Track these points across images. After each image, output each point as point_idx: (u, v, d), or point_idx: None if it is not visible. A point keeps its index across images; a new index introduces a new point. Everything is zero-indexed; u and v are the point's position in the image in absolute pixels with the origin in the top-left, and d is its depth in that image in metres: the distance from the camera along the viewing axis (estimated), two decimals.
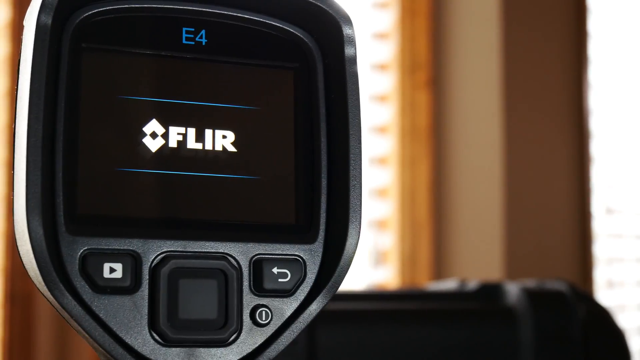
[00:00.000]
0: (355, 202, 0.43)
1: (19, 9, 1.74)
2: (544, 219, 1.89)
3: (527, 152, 1.89)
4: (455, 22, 2.00)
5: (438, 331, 0.87)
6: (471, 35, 1.96)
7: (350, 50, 0.45)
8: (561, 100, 1.95)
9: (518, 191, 1.87)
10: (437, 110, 2.01)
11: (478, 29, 1.94)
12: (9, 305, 1.72)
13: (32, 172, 0.39)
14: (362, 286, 1.97)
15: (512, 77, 1.88)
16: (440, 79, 2.01)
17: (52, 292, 0.39)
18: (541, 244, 1.88)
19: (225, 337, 0.41)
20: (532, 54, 1.92)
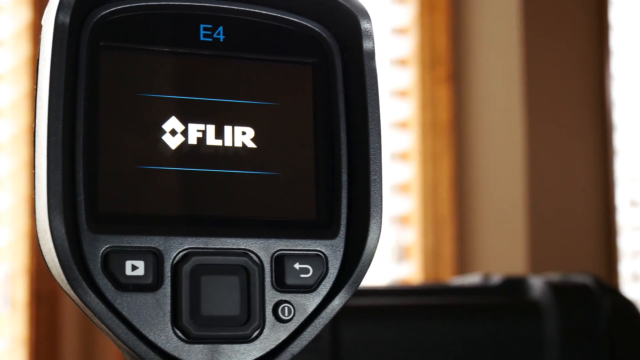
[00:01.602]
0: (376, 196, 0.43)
1: (40, 11, 1.75)
2: (568, 212, 1.89)
3: (550, 146, 1.88)
4: (475, 16, 1.99)
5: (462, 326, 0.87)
6: (491, 29, 1.95)
7: (368, 44, 0.44)
8: (583, 93, 1.94)
9: (541, 185, 1.86)
10: (458, 105, 2.01)
11: (498, 22, 1.93)
12: (35, 304, 1.73)
13: (52, 171, 0.39)
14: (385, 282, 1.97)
15: (533, 70, 1.87)
16: (460, 73, 2.01)
17: (75, 291, 0.39)
18: (565, 238, 1.87)
19: (248, 334, 0.41)
20: (553, 47, 1.91)
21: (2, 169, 1.74)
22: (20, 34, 1.75)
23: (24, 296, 1.73)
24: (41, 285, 1.74)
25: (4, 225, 1.73)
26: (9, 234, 1.73)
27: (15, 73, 1.74)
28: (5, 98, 1.74)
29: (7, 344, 1.73)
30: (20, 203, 1.73)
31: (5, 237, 1.73)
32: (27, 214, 1.73)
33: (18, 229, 1.73)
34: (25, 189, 1.73)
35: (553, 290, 0.89)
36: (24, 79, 1.73)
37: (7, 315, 1.73)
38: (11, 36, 1.75)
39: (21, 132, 1.74)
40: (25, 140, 1.74)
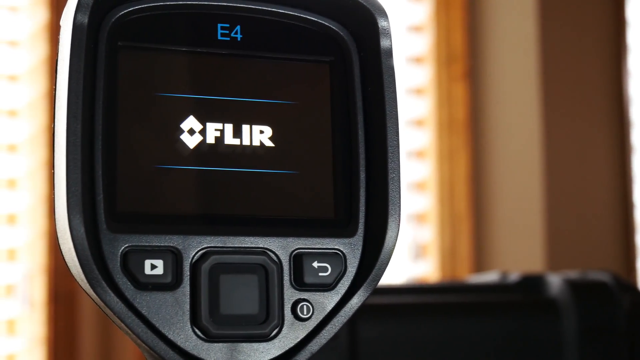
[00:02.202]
0: (394, 194, 0.43)
1: (56, 11, 1.75)
2: (585, 209, 1.88)
3: (567, 143, 1.88)
4: (490, 13, 1.98)
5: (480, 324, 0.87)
6: (507, 26, 1.95)
7: (385, 42, 0.44)
8: (600, 90, 1.93)
9: (558, 182, 1.85)
10: (474, 102, 2.00)
11: (514, 19, 1.92)
12: (53, 304, 1.74)
13: (72, 170, 0.39)
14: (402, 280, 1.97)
15: (550, 67, 1.87)
16: (477, 70, 2.00)
17: (94, 290, 0.39)
18: (583, 235, 1.86)
19: (267, 332, 0.41)
20: (569, 43, 1.90)
21: (20, 169, 1.74)
22: (37, 34, 1.76)
23: (42, 295, 1.74)
24: (59, 285, 1.74)
25: (22, 225, 1.74)
26: (27, 233, 1.74)
27: (32, 73, 1.75)
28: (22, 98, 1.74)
29: (26, 343, 1.73)
30: (38, 203, 1.74)
31: (24, 236, 1.74)
32: (45, 213, 1.74)
33: (36, 228, 1.74)
34: (43, 189, 1.74)
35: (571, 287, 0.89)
36: (41, 79, 1.74)
37: (26, 314, 1.74)
38: (28, 37, 1.76)
39: (39, 132, 1.75)
40: (43, 141, 1.75)
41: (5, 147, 1.76)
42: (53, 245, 1.74)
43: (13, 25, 1.76)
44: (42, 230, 1.74)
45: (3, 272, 1.73)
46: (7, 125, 1.75)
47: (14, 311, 1.74)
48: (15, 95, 1.75)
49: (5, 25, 1.75)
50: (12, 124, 1.75)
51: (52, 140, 0.41)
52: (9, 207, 1.74)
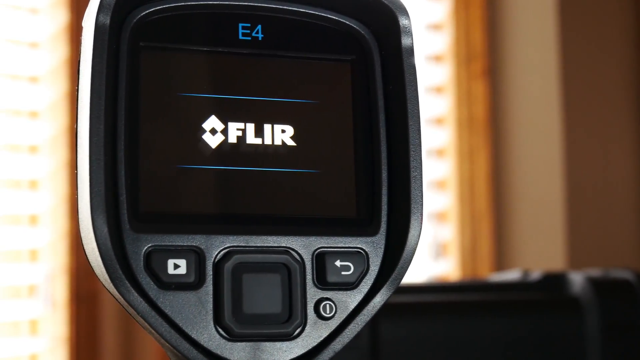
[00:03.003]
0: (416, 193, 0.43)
1: (77, 13, 1.76)
2: (607, 206, 1.87)
3: (588, 140, 1.87)
4: (510, 10, 1.98)
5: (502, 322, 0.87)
6: (527, 23, 1.94)
7: (407, 40, 0.44)
8: (621, 87, 1.92)
9: (579, 179, 1.84)
10: (494, 100, 2.00)
11: (534, 16, 1.92)
12: (75, 304, 1.74)
13: (95, 171, 0.39)
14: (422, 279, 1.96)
15: (570, 64, 1.86)
16: (496, 68, 2.00)
17: (118, 289, 0.39)
18: (604, 233, 1.86)
19: (290, 331, 0.41)
20: (590, 40, 1.89)
21: (42, 169, 1.75)
22: (57, 35, 1.76)
23: (64, 296, 1.74)
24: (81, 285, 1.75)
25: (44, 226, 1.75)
26: (49, 234, 1.75)
27: (53, 75, 1.76)
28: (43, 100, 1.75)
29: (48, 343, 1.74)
30: (59, 203, 1.75)
31: (46, 237, 1.75)
32: (67, 214, 1.75)
33: (58, 229, 1.75)
34: (65, 189, 1.75)
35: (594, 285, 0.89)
36: (61, 80, 1.75)
37: (48, 314, 1.75)
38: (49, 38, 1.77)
39: (60, 133, 1.75)
40: (64, 141, 1.75)
41: (27, 148, 1.77)
42: (75, 245, 1.75)
43: (33, 27, 1.77)
44: (63, 230, 1.75)
45: (25, 273, 1.74)
46: (28, 127, 1.76)
47: (37, 311, 1.75)
48: (36, 97, 1.76)
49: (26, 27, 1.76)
50: (33, 125, 1.76)
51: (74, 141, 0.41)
52: (30, 208, 1.75)
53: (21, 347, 1.73)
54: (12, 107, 1.74)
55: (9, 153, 1.74)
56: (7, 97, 1.72)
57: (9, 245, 1.72)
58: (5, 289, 1.71)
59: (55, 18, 1.77)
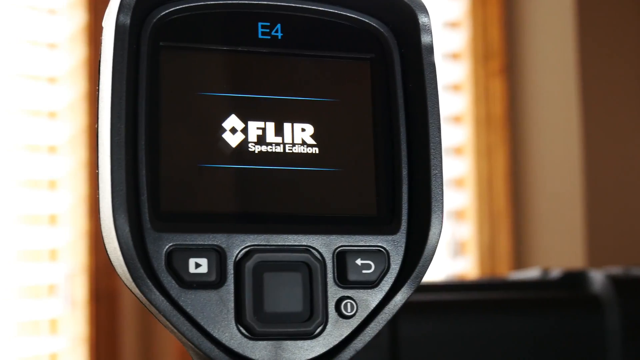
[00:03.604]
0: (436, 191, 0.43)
1: (95, 13, 1.77)
2: (626, 204, 1.86)
3: (606, 137, 1.86)
4: (528, 8, 1.97)
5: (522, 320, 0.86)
6: (545, 20, 1.93)
7: (426, 38, 0.44)
8: None
9: (598, 177, 1.84)
10: (512, 98, 1.99)
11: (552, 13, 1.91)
12: (94, 303, 1.75)
13: (116, 170, 0.39)
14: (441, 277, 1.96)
15: (588, 61, 1.85)
16: (514, 66, 1.99)
17: (140, 289, 0.39)
18: (624, 230, 1.85)
19: (312, 330, 0.41)
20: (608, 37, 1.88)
21: (61, 169, 1.76)
22: (76, 36, 1.77)
23: (84, 295, 1.75)
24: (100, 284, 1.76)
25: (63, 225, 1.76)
26: (69, 233, 1.76)
27: (71, 75, 1.76)
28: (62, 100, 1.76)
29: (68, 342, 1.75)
30: (78, 203, 1.76)
31: (65, 237, 1.76)
32: (86, 213, 1.75)
33: (77, 228, 1.75)
34: (84, 189, 1.76)
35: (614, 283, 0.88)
36: (80, 80, 1.75)
37: (68, 313, 1.76)
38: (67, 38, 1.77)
39: (78, 133, 1.76)
40: (83, 141, 1.76)
41: (46, 148, 1.77)
42: (94, 245, 1.75)
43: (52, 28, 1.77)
44: (83, 230, 1.75)
45: (45, 272, 1.75)
46: (47, 127, 1.76)
47: (56, 311, 1.75)
48: (55, 97, 1.77)
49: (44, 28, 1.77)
50: (52, 126, 1.77)
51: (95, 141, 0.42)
52: (50, 208, 1.76)
53: (41, 347, 1.74)
54: (31, 107, 1.75)
55: (29, 153, 1.74)
56: (26, 98, 1.73)
57: (29, 245, 1.73)
58: (25, 288, 1.72)
59: (74, 18, 1.78)
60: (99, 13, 1.76)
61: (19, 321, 1.71)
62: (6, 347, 1.69)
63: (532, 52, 1.96)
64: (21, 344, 1.70)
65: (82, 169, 1.76)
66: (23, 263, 1.72)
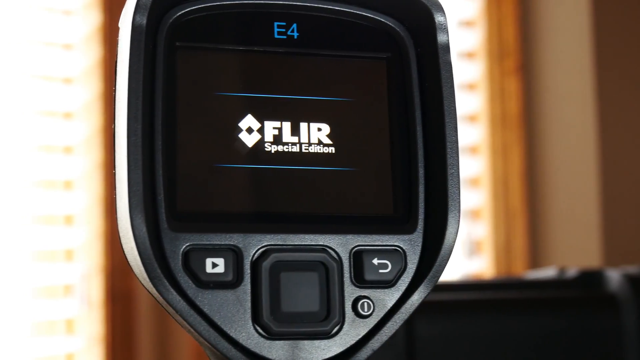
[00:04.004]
0: (453, 190, 0.43)
1: (110, 14, 1.77)
2: None
3: (623, 135, 1.85)
4: (543, 6, 1.96)
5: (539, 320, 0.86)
6: (560, 18, 1.92)
7: (443, 37, 0.44)
8: None
9: (614, 176, 1.83)
10: (527, 97, 1.99)
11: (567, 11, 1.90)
12: (110, 303, 1.76)
13: (133, 171, 0.40)
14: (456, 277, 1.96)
15: (604, 59, 1.84)
16: (529, 64, 1.99)
17: (157, 288, 0.39)
18: None
19: (328, 329, 0.41)
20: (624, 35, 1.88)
21: (76, 170, 1.77)
22: (91, 36, 1.78)
23: (100, 295, 1.76)
24: (116, 284, 1.76)
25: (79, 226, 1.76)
26: (84, 234, 1.76)
27: (87, 76, 1.77)
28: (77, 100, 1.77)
29: (84, 342, 1.76)
30: (94, 203, 1.76)
31: (81, 237, 1.76)
32: (102, 213, 1.76)
33: (93, 228, 1.76)
34: (99, 189, 1.76)
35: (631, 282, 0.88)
36: (95, 81, 1.76)
37: (84, 314, 1.76)
38: (82, 39, 1.78)
39: (94, 134, 1.77)
40: (98, 142, 1.77)
41: (61, 148, 1.78)
42: (110, 245, 1.76)
43: (67, 29, 1.78)
44: (98, 230, 1.76)
45: (61, 273, 1.76)
46: (63, 127, 1.77)
47: (72, 311, 1.76)
48: (70, 98, 1.77)
49: (60, 29, 1.77)
50: (67, 126, 1.77)
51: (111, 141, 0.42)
52: (65, 208, 1.76)
53: (57, 347, 1.75)
54: (46, 108, 1.75)
55: (44, 154, 1.75)
56: (41, 99, 1.74)
57: (45, 245, 1.74)
58: (42, 288, 1.73)
59: (89, 19, 1.78)
60: (114, 14, 1.77)
61: (35, 321, 1.71)
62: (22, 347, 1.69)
63: (548, 50, 1.95)
64: (37, 344, 1.71)
65: (97, 169, 1.76)
66: (39, 263, 1.73)
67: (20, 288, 1.70)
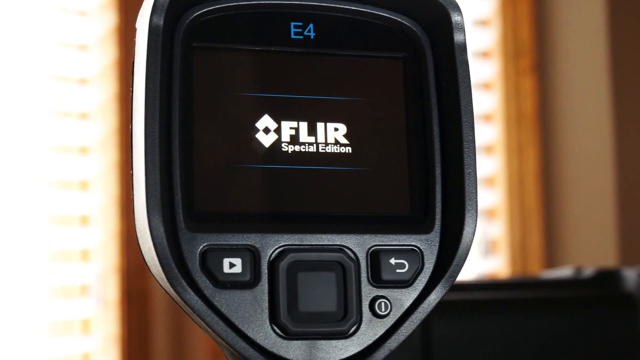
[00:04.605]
0: (470, 189, 0.43)
1: (125, 15, 1.78)
2: None
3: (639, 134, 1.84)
4: (558, 4, 1.96)
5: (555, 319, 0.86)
6: (576, 17, 1.92)
7: (459, 37, 0.44)
8: None
9: (630, 174, 1.82)
10: (543, 96, 1.98)
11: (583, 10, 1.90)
12: (126, 303, 1.76)
13: (150, 171, 0.40)
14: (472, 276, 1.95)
15: (620, 58, 1.84)
16: (545, 63, 1.98)
17: (174, 289, 0.39)
18: None
19: (346, 329, 0.41)
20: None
21: (92, 170, 1.77)
22: (106, 37, 1.78)
23: (115, 295, 1.76)
24: (132, 284, 1.77)
25: (95, 226, 1.77)
26: (100, 234, 1.77)
27: (102, 76, 1.77)
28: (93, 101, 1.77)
29: (100, 342, 1.76)
30: (110, 203, 1.77)
31: (96, 237, 1.77)
32: (117, 214, 1.77)
33: (108, 229, 1.77)
34: (115, 189, 1.77)
35: None
36: (111, 82, 1.76)
37: (100, 314, 1.77)
38: (98, 40, 1.78)
39: (109, 134, 1.77)
40: (114, 142, 1.77)
41: (77, 149, 1.79)
42: (125, 245, 1.76)
43: (83, 29, 1.79)
44: (114, 230, 1.77)
45: (77, 273, 1.76)
46: (79, 128, 1.78)
47: (88, 311, 1.77)
48: (86, 98, 1.78)
49: (75, 30, 1.78)
50: (83, 127, 1.78)
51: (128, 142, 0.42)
52: (81, 209, 1.77)
53: (73, 347, 1.75)
54: (62, 109, 1.76)
55: (60, 154, 1.76)
56: (57, 99, 1.74)
57: (61, 245, 1.74)
58: (57, 289, 1.74)
59: (104, 20, 1.79)
60: (129, 14, 1.77)
61: (51, 321, 1.72)
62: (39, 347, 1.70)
63: (563, 49, 1.95)
64: (53, 344, 1.72)
65: (113, 170, 1.77)
66: (55, 264, 1.73)
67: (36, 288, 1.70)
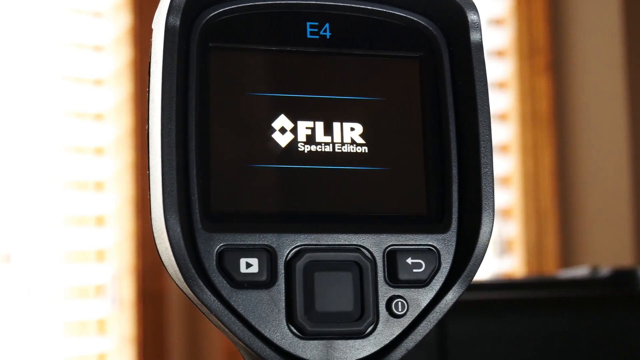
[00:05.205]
0: (487, 189, 0.43)
1: (140, 15, 1.78)
2: None
3: None
4: (573, 4, 1.95)
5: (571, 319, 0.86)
6: (591, 16, 1.91)
7: (476, 36, 0.44)
8: None
9: None
10: (558, 95, 1.97)
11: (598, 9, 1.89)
12: (142, 303, 1.76)
13: (167, 171, 0.40)
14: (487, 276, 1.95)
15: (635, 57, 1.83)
16: (560, 62, 1.97)
17: (191, 289, 0.39)
18: None
19: (363, 329, 0.41)
20: None
21: (107, 171, 1.78)
22: (121, 38, 1.79)
23: (131, 295, 1.77)
24: (147, 285, 1.77)
25: (110, 226, 1.77)
26: (116, 234, 1.77)
27: (117, 77, 1.78)
28: (108, 102, 1.78)
29: (116, 342, 1.77)
30: (125, 204, 1.77)
31: (112, 237, 1.77)
32: (133, 214, 1.77)
33: (124, 229, 1.77)
34: (130, 190, 1.77)
35: None
36: (126, 82, 1.77)
37: (115, 314, 1.77)
38: (112, 41, 1.79)
39: (125, 135, 1.78)
40: (129, 143, 1.78)
41: (92, 149, 1.79)
42: (141, 245, 1.77)
43: (97, 30, 1.79)
44: (130, 231, 1.77)
45: (92, 273, 1.77)
46: (94, 129, 1.78)
47: (104, 311, 1.77)
48: (100, 99, 1.78)
49: (90, 30, 1.78)
50: (98, 127, 1.79)
51: (145, 142, 0.42)
52: (97, 209, 1.78)
53: (89, 347, 1.76)
54: (77, 109, 1.76)
55: (75, 155, 1.76)
56: (72, 100, 1.75)
57: (76, 246, 1.75)
58: (73, 289, 1.74)
59: (119, 21, 1.79)
60: (144, 15, 1.78)
61: (66, 322, 1.73)
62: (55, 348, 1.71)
63: (578, 48, 1.94)
64: (69, 344, 1.72)
65: (128, 170, 1.77)
66: (70, 264, 1.74)
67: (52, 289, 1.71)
